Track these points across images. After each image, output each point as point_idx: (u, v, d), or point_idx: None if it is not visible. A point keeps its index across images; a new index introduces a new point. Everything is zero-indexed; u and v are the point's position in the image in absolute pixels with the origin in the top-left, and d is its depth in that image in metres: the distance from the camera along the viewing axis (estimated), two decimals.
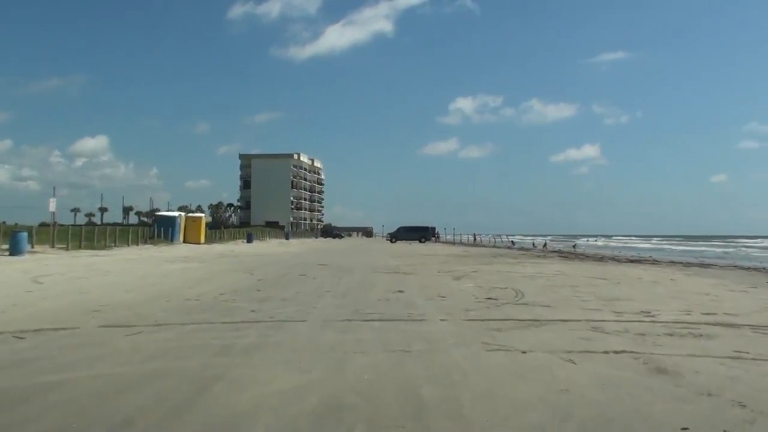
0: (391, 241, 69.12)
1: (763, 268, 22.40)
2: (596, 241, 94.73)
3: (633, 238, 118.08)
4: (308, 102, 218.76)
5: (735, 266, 24.08)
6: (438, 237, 75.85)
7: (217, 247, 39.62)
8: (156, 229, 44.06)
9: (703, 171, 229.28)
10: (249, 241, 56.05)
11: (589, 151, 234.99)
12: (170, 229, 43.42)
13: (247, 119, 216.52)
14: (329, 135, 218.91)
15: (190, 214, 50.79)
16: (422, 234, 69.50)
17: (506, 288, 12.80)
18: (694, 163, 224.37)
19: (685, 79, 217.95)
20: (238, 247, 43.96)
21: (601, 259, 30.34)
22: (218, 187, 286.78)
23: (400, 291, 12.13)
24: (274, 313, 8.80)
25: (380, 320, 8.25)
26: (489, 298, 10.83)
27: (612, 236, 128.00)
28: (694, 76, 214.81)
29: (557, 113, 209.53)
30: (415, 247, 50.50)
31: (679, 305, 9.93)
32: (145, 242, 39.57)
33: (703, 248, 60.06)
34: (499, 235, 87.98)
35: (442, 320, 8.29)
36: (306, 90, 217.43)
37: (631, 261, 27.51)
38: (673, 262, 26.08)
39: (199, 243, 45.83)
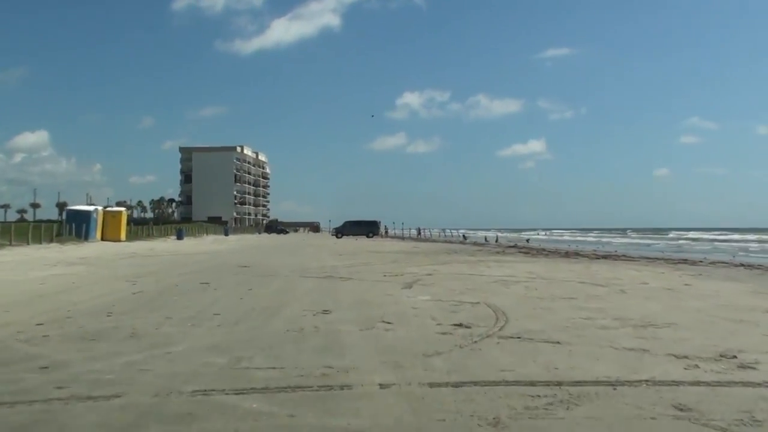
0: (337, 237, 65.08)
1: (761, 266, 19.38)
2: (538, 234, 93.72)
3: (575, 231, 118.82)
4: (255, 96, 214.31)
5: (727, 263, 20.99)
6: (386, 232, 72.18)
7: (135, 246, 34.84)
8: (67, 225, 38.87)
9: (646, 165, 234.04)
10: (179, 237, 51.17)
11: (535, 146, 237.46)
12: (84, 225, 38.27)
13: (192, 114, 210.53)
14: (277, 130, 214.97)
15: (109, 209, 45.55)
16: (370, 229, 65.66)
17: (477, 303, 9.04)
18: (637, 158, 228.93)
19: (628, 75, 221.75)
20: (163, 245, 39.22)
21: (566, 255, 27.09)
22: (163, 182, 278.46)
23: (325, 312, 8.23)
24: (64, 378, 4.74)
25: (264, 391, 4.33)
26: (457, 325, 7.03)
27: (551, 230, 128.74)
28: (637, 72, 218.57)
29: (503, 108, 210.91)
30: (361, 242, 46.61)
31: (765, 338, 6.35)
32: (51, 240, 34.49)
33: (648, 241, 59.15)
34: (444, 230, 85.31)
35: (383, 387, 4.43)
36: (252, 84, 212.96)
37: (604, 257, 24.28)
38: (653, 259, 22.90)
39: (119, 240, 40.87)
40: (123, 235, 42.19)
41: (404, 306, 8.88)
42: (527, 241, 57.05)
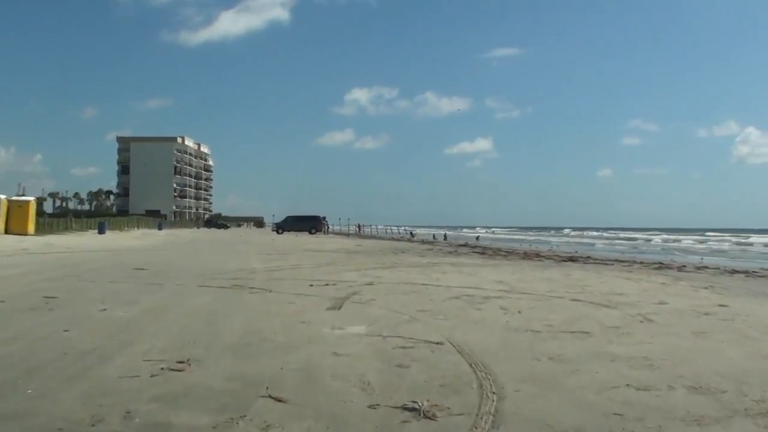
0: (278, 233, 61.02)
1: (748, 271, 16.73)
2: (478, 232, 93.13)
3: (513, 229, 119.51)
4: (202, 89, 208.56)
5: (723, 270, 18.30)
6: (329, 228, 68.38)
7: (37, 240, 30.26)
8: None
9: (590, 165, 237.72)
10: (101, 231, 46.26)
11: (482, 144, 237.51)
12: None
13: (136, 105, 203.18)
14: (224, 123, 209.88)
15: (16, 198, 40.33)
16: (313, 224, 61.66)
17: (440, 343, 5.66)
18: (581, 158, 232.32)
19: (574, 76, 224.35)
20: (74, 239, 34.64)
21: (527, 256, 24.13)
22: (106, 174, 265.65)
23: (180, 363, 4.69)
24: None
25: None
26: (408, 408, 3.64)
27: (491, 228, 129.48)
28: (582, 73, 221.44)
29: (451, 106, 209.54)
30: (302, 239, 42.91)
31: None
32: None
33: (594, 240, 58.29)
34: (391, 227, 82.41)
35: None
36: (199, 76, 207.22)
37: (571, 259, 21.36)
38: (627, 263, 20.07)
39: (25, 233, 35.96)
40: (31, 228, 37.20)
41: (321, 349, 5.42)
42: (477, 239, 54.48)
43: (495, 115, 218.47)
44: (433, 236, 58.67)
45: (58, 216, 74.22)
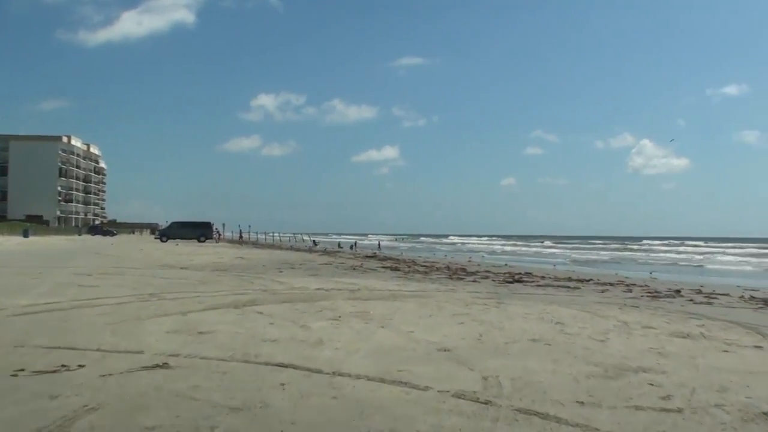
0: (161, 240, 53.24)
1: None
2: (369, 239, 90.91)
3: (418, 237, 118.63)
4: (101, 91, 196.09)
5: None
6: (220, 235, 61.00)
7: None
8: None
9: (494, 174, 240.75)
10: None
11: (389, 152, 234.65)
12: None
13: (30, 107, 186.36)
14: (125, 127, 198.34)
15: None
16: (202, 231, 54.10)
17: None
18: (486, 167, 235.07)
19: (479, 86, 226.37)
20: None
21: (453, 272, 18.54)
22: None
23: None
24: None
25: None
26: None
27: (401, 235, 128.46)
28: (487, 83, 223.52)
29: (359, 114, 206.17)
30: (176, 249, 35.80)
31: None
32: None
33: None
34: (295, 234, 76.41)
35: None
36: (99, 78, 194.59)
37: (516, 281, 15.85)
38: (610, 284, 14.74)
39: None
40: None
41: None
42: (378, 247, 48.98)
43: (402, 124, 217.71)
44: (339, 245, 52.67)
45: None
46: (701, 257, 41.86)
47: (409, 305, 9.37)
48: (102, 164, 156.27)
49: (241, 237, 69.05)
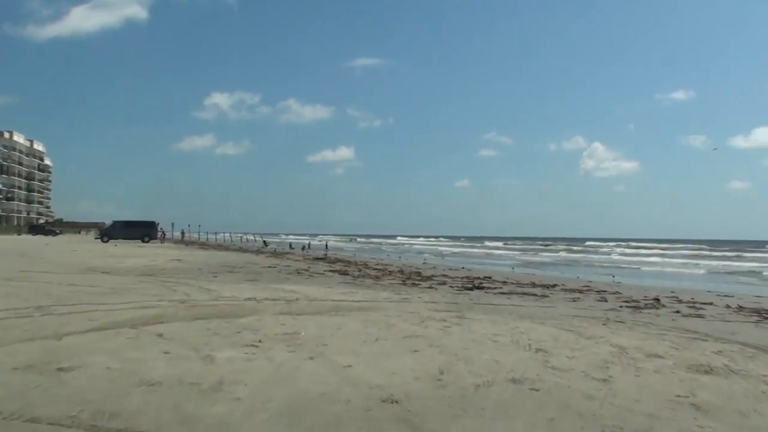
0: (102, 240, 50.29)
1: None
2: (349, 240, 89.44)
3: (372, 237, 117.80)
4: (49, 87, 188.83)
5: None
6: (164, 236, 58.08)
7: None
8: None
9: (449, 176, 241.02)
10: None
11: (344, 152, 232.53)
12: None
13: None
14: (75, 124, 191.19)
15: None
16: (146, 231, 51.22)
17: None
18: (441, 169, 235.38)
19: (434, 88, 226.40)
20: None
21: (408, 277, 16.89)
22: None
23: None
24: None
25: None
26: None
27: (355, 236, 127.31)
28: (442, 85, 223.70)
29: (314, 114, 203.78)
30: (120, 249, 33.27)
31: None
32: None
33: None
34: (245, 234, 73.90)
35: None
36: (47, 74, 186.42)
37: (476, 287, 14.25)
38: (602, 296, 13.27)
39: None
40: None
41: None
42: (326, 248, 46.93)
43: (357, 124, 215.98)
44: (290, 245, 50.53)
45: None
46: (650, 259, 41.33)
47: (352, 323, 7.61)
48: (47, 161, 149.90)
49: (183, 237, 66.06)
